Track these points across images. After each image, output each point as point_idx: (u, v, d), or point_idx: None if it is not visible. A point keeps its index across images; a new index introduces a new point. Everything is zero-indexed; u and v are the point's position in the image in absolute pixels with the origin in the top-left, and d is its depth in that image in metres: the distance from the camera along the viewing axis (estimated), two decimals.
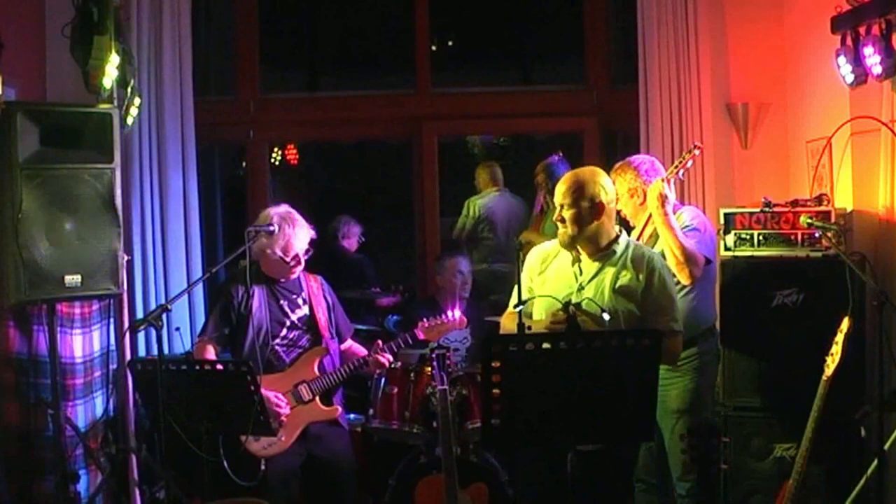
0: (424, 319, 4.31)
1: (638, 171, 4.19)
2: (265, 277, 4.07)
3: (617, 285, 3.41)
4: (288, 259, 3.99)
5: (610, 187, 3.51)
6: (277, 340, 4.03)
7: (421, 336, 4.28)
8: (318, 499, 4.16)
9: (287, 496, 3.99)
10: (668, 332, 3.34)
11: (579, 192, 3.43)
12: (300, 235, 4.03)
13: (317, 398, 4.02)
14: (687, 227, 4.06)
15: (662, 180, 4.00)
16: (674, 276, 3.84)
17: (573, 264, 3.51)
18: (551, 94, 6.04)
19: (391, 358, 4.17)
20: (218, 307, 4.07)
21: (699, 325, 4.11)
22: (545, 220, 5.52)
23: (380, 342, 4.16)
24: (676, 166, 4.06)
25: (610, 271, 3.44)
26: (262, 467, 3.86)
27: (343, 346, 4.28)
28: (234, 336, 4.03)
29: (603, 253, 3.47)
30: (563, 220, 3.46)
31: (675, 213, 4.12)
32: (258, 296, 4.01)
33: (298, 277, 4.14)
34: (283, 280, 4.09)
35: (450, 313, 4.34)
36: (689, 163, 4.08)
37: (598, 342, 2.95)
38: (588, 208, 3.42)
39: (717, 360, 4.30)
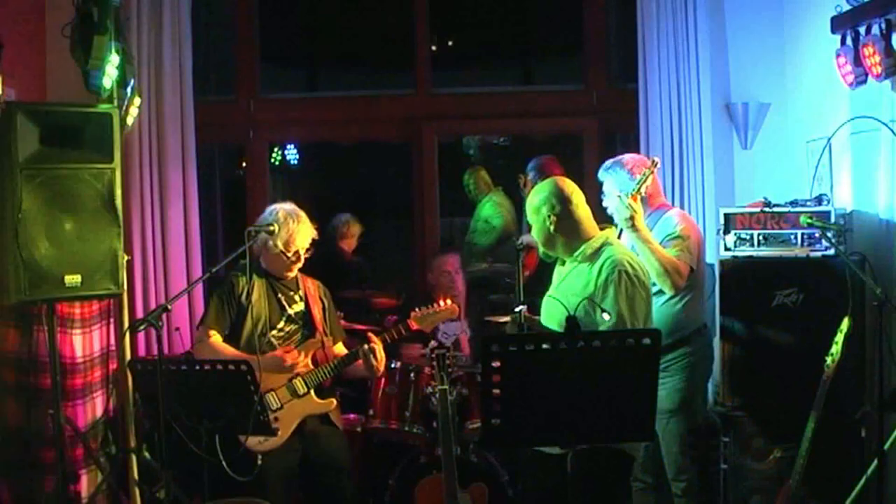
0: (416, 308, 4.30)
1: (627, 170, 4.17)
2: (265, 272, 4.10)
3: (573, 290, 3.46)
4: (289, 254, 4.01)
5: (569, 196, 3.53)
6: (274, 332, 4.04)
7: (413, 326, 4.27)
8: (316, 498, 4.16)
9: (285, 495, 3.99)
10: None
11: (536, 208, 3.56)
12: (303, 232, 4.06)
13: (311, 391, 4.01)
14: (670, 235, 4.04)
15: (629, 197, 3.95)
16: (654, 285, 3.82)
17: (560, 265, 3.65)
18: (551, 94, 6.03)
19: (383, 354, 4.13)
20: (220, 296, 4.08)
21: (688, 328, 4.10)
22: None
23: (371, 334, 4.13)
24: (640, 182, 4.02)
25: (573, 275, 3.53)
26: (259, 462, 3.85)
27: (337, 349, 4.28)
28: (233, 326, 4.04)
29: (574, 255, 3.55)
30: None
31: (660, 217, 4.13)
32: (258, 288, 4.04)
33: (296, 277, 4.16)
34: (281, 278, 4.11)
35: (441, 302, 4.33)
36: (649, 179, 4.06)
37: (597, 342, 2.96)
38: (545, 221, 3.53)
39: (708, 360, 4.29)
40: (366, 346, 4.05)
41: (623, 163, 4.17)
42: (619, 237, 4.05)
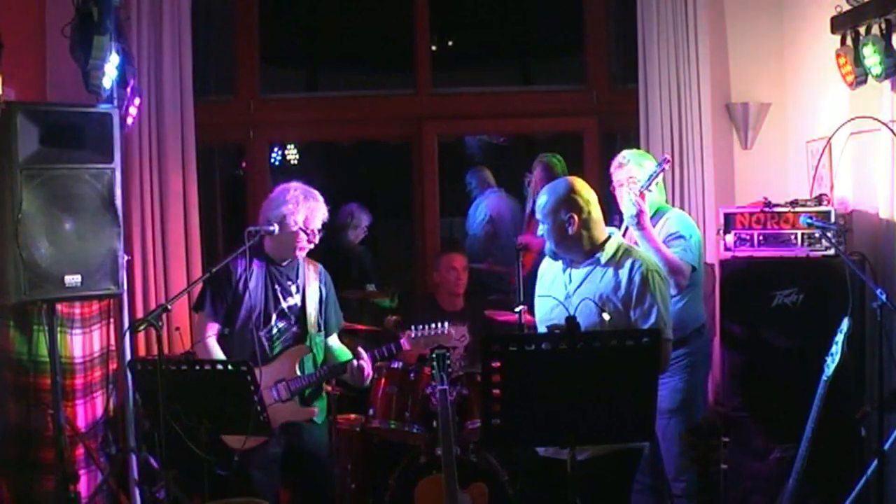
0: (412, 329, 4.13)
1: (649, 165, 4.17)
2: (266, 258, 4.03)
3: (599, 293, 3.39)
4: (308, 231, 3.95)
5: (587, 198, 3.46)
6: (265, 331, 3.97)
7: (406, 346, 4.10)
8: (301, 491, 4.15)
9: (269, 483, 3.95)
10: None
11: (553, 209, 3.44)
12: (321, 210, 4.01)
13: (295, 398, 3.97)
14: (672, 234, 4.05)
15: (636, 195, 3.95)
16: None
17: (564, 271, 3.52)
18: (551, 94, 6.03)
19: (370, 370, 4.00)
20: (216, 282, 3.97)
21: (688, 327, 4.10)
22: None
23: (361, 349, 4.02)
24: (649, 180, 4.02)
25: (595, 278, 3.43)
26: (235, 458, 3.82)
27: (330, 342, 4.21)
28: (228, 312, 3.99)
29: (590, 259, 3.46)
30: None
31: (661, 217, 4.13)
32: (256, 275, 3.96)
33: (298, 262, 4.08)
34: (283, 263, 4.06)
35: (438, 324, 4.14)
36: (660, 177, 4.05)
37: (597, 342, 2.96)
38: (563, 224, 3.42)
39: (707, 360, 4.29)
40: (354, 363, 3.98)
41: (648, 157, 4.17)
42: (623, 235, 4.08)
